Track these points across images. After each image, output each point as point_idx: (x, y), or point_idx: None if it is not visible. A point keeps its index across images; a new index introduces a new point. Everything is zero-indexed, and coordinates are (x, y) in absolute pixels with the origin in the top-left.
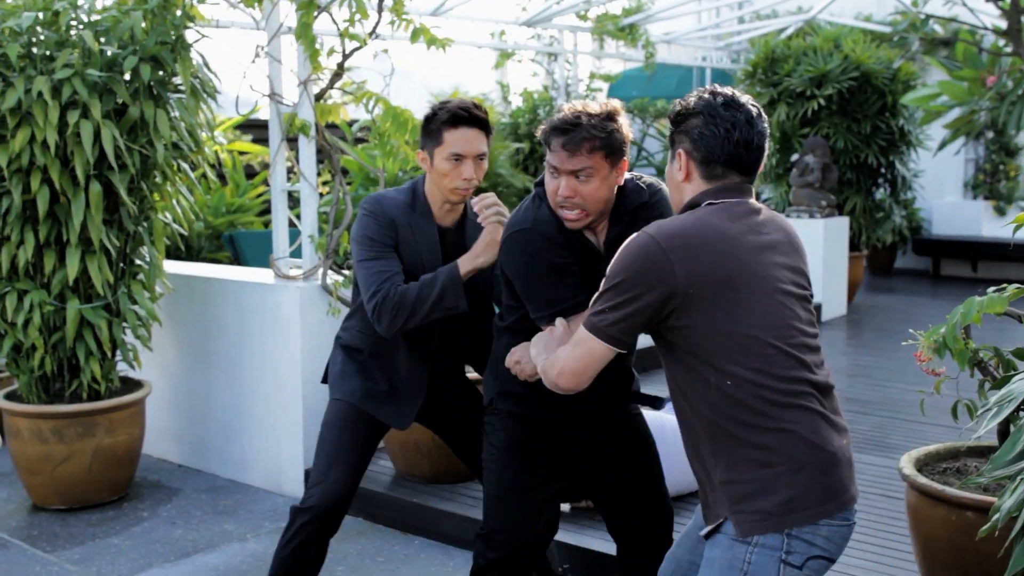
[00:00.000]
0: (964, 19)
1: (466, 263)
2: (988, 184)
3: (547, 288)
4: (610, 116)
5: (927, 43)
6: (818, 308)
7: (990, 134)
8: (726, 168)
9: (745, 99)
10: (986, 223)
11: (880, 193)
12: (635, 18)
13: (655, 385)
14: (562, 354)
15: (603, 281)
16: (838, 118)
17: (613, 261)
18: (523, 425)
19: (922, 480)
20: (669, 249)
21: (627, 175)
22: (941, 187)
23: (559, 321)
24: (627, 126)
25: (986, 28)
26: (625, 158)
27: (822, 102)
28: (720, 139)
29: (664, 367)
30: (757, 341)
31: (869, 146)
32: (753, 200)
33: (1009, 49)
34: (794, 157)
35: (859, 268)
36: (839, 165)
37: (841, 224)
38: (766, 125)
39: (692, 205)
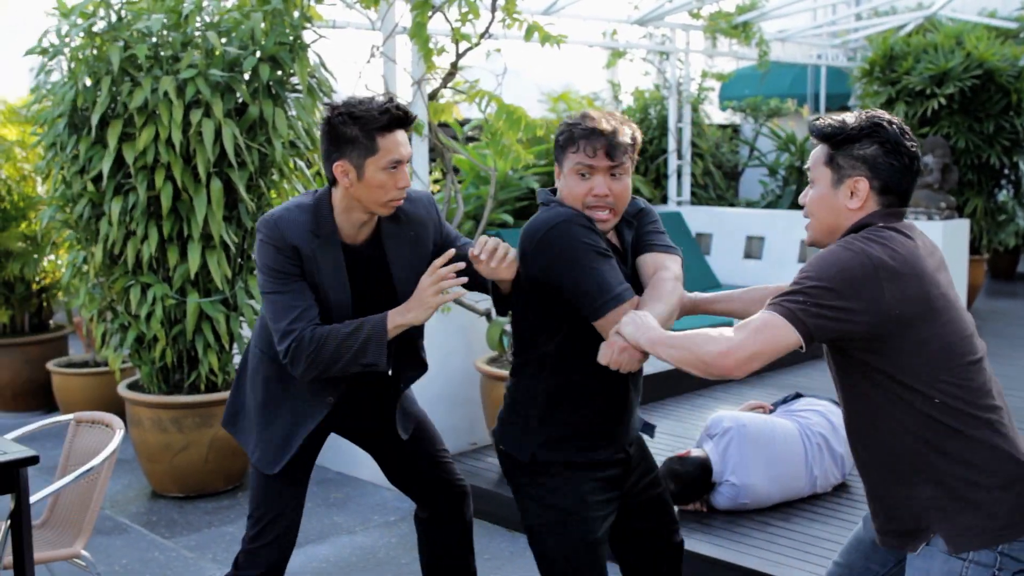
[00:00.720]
0: None
1: (395, 317)
2: None
3: (603, 272)
4: (623, 120)
5: None
6: None
7: None
8: (900, 198)
9: (909, 130)
10: None
11: (1003, 195)
12: (749, 16)
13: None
14: (735, 335)
15: (799, 280)
16: (959, 117)
17: (811, 263)
18: (585, 471)
19: None
20: (881, 269)
21: None
22: None
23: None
24: (638, 132)
25: None
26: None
27: (943, 101)
28: (903, 170)
29: (846, 388)
30: (956, 358)
31: (992, 146)
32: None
33: None
34: None
35: (980, 272)
36: (959, 166)
37: (961, 226)
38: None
39: (864, 226)
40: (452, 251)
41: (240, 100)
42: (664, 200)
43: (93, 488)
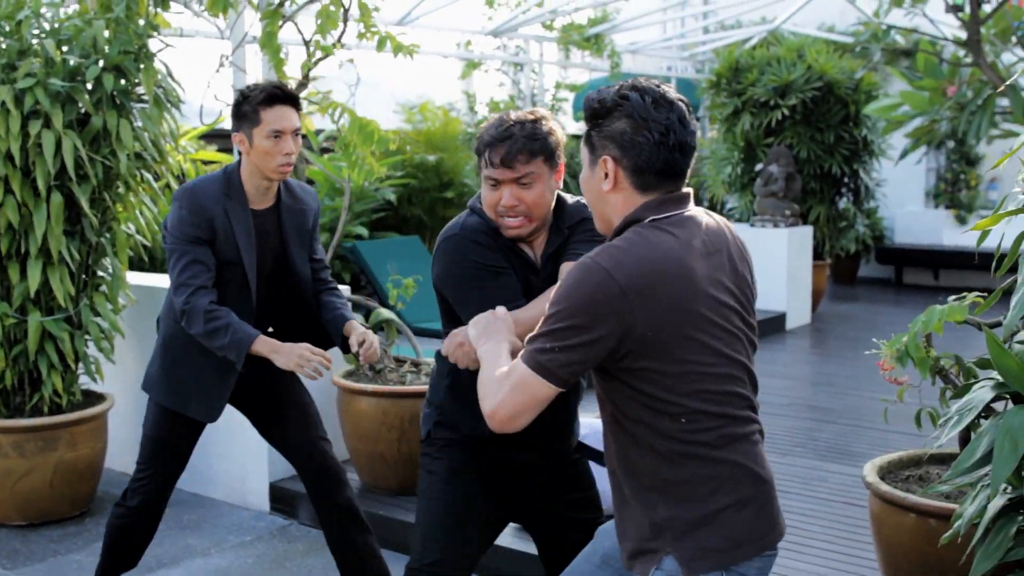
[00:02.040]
0: (925, 30)
1: (261, 346)
2: (949, 193)
3: (481, 293)
4: (538, 121)
5: (889, 53)
6: (782, 317)
7: (951, 144)
8: (660, 176)
9: (674, 95)
10: (947, 232)
11: (843, 202)
12: (600, 28)
13: None
14: (500, 392)
15: (548, 314)
16: (802, 128)
17: (559, 290)
18: (464, 452)
19: (885, 488)
20: (628, 289)
21: (571, 198)
22: (903, 196)
23: (500, 308)
24: (560, 130)
25: (946, 39)
26: (561, 162)
27: (786, 112)
28: (654, 144)
29: (604, 400)
30: (712, 377)
31: (832, 155)
32: (693, 207)
33: (969, 60)
34: (758, 167)
35: (822, 277)
36: (803, 174)
37: (805, 233)
38: (696, 122)
39: (634, 221)
40: (360, 335)
41: (83, 111)
42: None
43: None
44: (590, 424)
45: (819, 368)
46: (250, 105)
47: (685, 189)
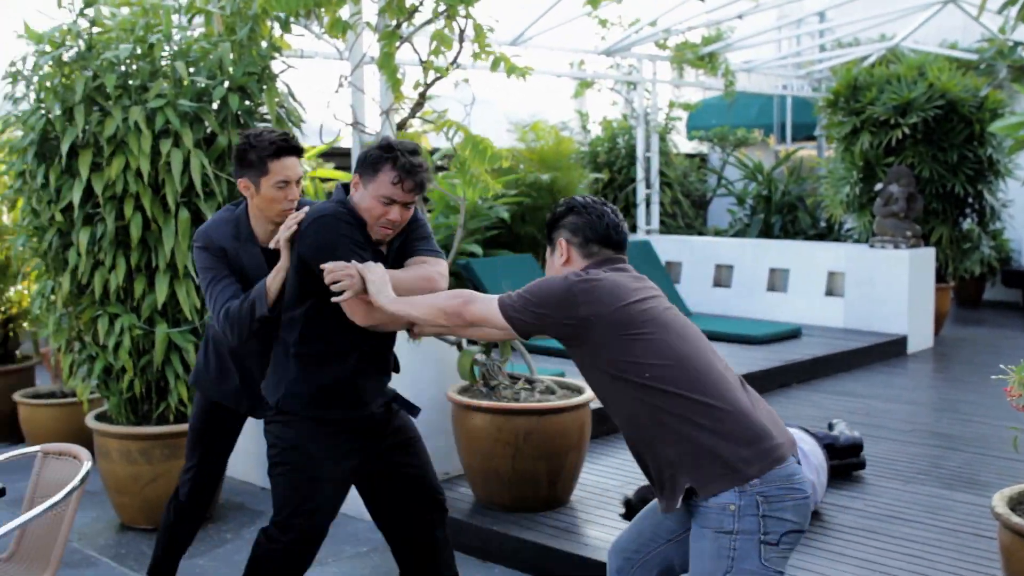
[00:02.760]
0: None
1: (271, 277)
2: None
3: (358, 260)
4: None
5: (1015, 70)
6: (903, 340)
7: None
8: (601, 246)
9: (601, 199)
10: None
11: (967, 223)
12: (715, 47)
13: None
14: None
15: (524, 291)
16: (923, 147)
17: (535, 285)
18: (315, 421)
19: (1016, 519)
20: (578, 291)
21: None
22: None
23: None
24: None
25: None
26: None
27: (906, 131)
28: (593, 223)
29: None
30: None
31: (956, 175)
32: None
33: None
34: (878, 186)
35: (946, 300)
36: (924, 194)
37: (927, 255)
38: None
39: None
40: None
41: (209, 130)
42: (633, 229)
43: (61, 521)
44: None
45: (943, 393)
46: (257, 155)
47: (621, 256)
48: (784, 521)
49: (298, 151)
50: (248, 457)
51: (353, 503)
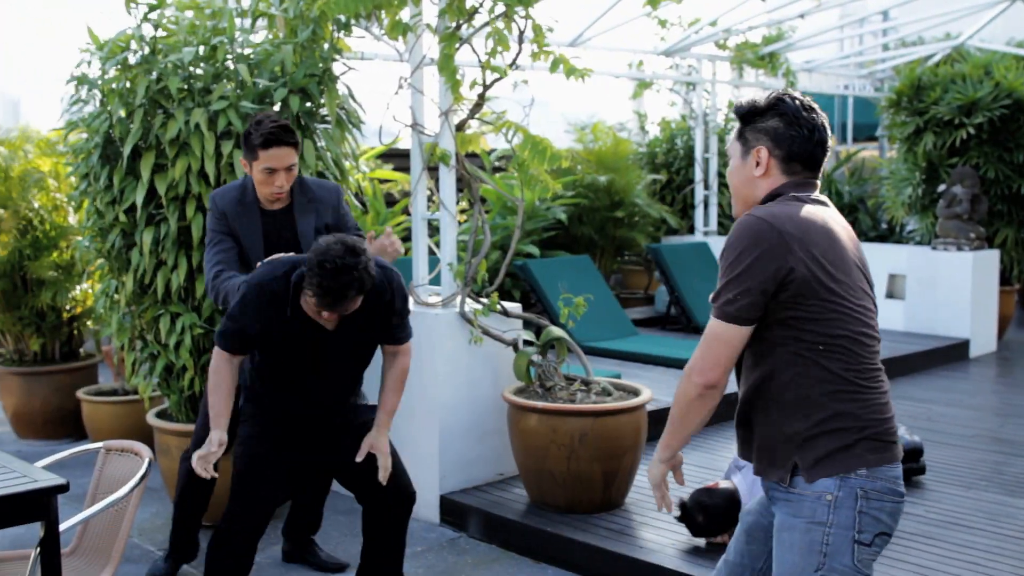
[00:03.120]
0: None
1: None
2: None
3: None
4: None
5: None
6: (966, 344)
7: None
8: (804, 165)
9: (815, 105)
10: None
11: None
12: (775, 46)
13: None
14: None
15: (720, 277)
16: (989, 147)
17: (725, 253)
18: (264, 415)
19: None
20: (785, 232)
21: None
22: None
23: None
24: None
25: None
26: None
27: (971, 131)
28: (803, 139)
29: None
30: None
31: (1022, 176)
32: (819, 195)
33: None
34: (941, 188)
35: (1010, 303)
36: (989, 196)
37: (991, 257)
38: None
39: (777, 194)
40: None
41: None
42: (691, 230)
43: (122, 516)
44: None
45: (1005, 398)
46: (252, 142)
47: (817, 181)
48: (879, 522)
49: (290, 143)
50: None
51: (416, 502)
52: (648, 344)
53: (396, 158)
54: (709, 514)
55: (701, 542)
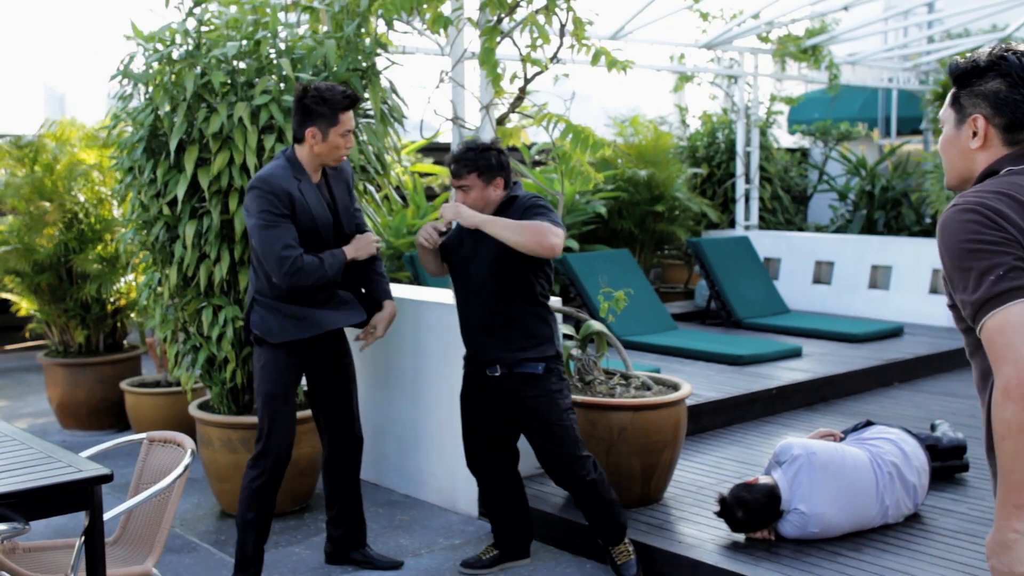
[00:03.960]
0: None
1: (350, 252)
2: None
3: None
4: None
5: None
6: None
7: None
8: None
9: None
10: None
11: None
12: (819, 39)
13: None
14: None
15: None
16: None
17: (941, 253)
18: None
19: None
20: (1002, 222)
21: None
22: None
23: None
24: None
25: None
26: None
27: None
28: None
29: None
30: None
31: None
32: None
33: None
34: None
35: None
36: None
37: None
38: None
39: (991, 173)
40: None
41: None
42: (732, 224)
43: (165, 506)
44: None
45: None
46: (329, 108)
47: None
48: None
49: (359, 103)
50: None
51: (447, 495)
52: (688, 339)
53: (437, 152)
54: (748, 510)
55: (740, 538)
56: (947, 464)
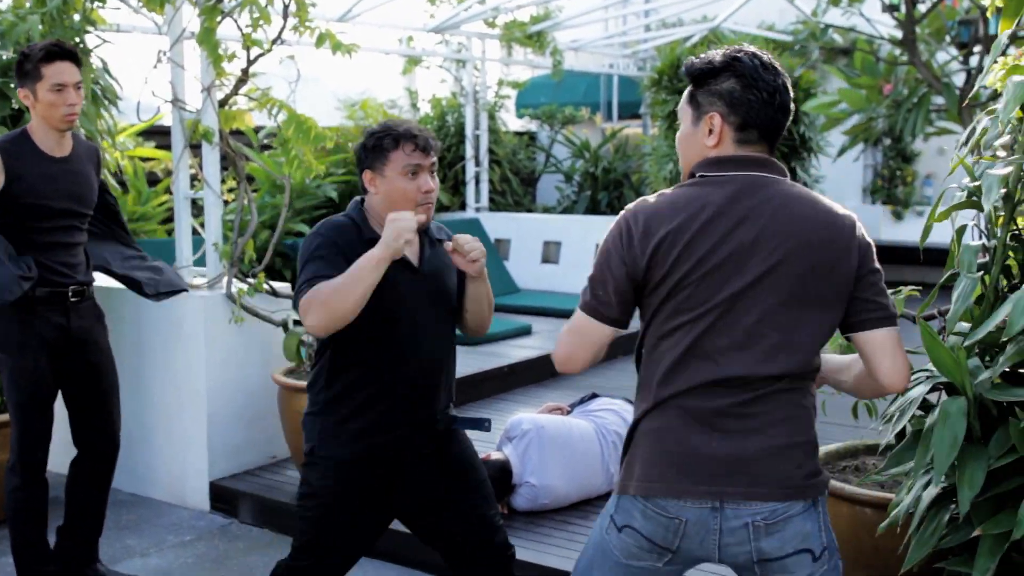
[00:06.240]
0: (862, 29)
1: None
2: (886, 189)
3: (310, 267)
4: None
5: (827, 52)
6: None
7: (887, 141)
8: (761, 134)
9: (778, 64)
10: (884, 227)
11: None
12: (543, 25)
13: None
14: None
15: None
16: None
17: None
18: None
19: None
20: (635, 231)
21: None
22: (841, 192)
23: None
24: None
25: (882, 38)
26: None
27: None
28: (762, 104)
29: None
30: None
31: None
32: (765, 175)
33: (904, 58)
34: None
35: None
36: None
37: None
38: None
39: (691, 175)
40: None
41: (16, 107)
42: (463, 206)
43: None
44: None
45: None
46: (31, 63)
47: (761, 155)
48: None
49: (73, 56)
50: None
51: (176, 490)
52: None
53: (158, 135)
54: None
55: None
56: None
